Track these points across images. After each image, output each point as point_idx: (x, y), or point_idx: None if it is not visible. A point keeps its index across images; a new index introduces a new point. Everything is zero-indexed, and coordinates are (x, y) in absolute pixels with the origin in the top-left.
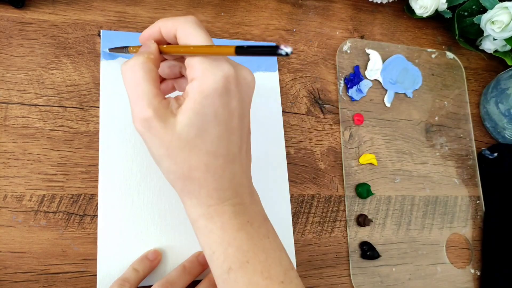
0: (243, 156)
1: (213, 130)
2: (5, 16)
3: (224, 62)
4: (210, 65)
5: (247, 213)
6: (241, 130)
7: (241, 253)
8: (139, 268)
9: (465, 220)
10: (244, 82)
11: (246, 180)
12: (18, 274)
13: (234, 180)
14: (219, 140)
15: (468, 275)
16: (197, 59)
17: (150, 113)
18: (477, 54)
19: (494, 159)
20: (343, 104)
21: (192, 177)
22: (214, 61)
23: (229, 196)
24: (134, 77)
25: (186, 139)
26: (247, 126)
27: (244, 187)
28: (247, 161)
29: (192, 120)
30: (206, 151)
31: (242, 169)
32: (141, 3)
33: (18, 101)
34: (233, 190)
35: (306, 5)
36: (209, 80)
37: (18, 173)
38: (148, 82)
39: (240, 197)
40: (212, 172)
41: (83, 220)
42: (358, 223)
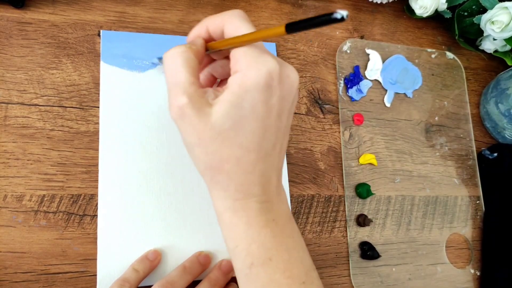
0: (275, 154)
1: (248, 124)
2: (5, 16)
3: (269, 57)
4: (254, 59)
5: (273, 211)
6: (277, 128)
7: (264, 250)
8: (139, 268)
9: (465, 220)
10: (287, 80)
11: (276, 178)
12: (18, 274)
13: (263, 177)
14: (253, 135)
15: (468, 275)
16: (241, 52)
17: (185, 100)
18: (477, 54)
19: (494, 159)
20: (343, 104)
21: (222, 169)
22: (259, 56)
23: (257, 193)
24: (172, 65)
25: (220, 130)
26: (284, 125)
27: (273, 185)
28: (279, 160)
29: (228, 111)
30: (239, 145)
31: (273, 167)
32: (141, 3)
33: (18, 101)
34: (262, 187)
35: (306, 5)
36: (251, 74)
37: (18, 173)
38: (185, 69)
39: (267, 194)
40: (242, 167)
41: (83, 220)
42: (358, 223)
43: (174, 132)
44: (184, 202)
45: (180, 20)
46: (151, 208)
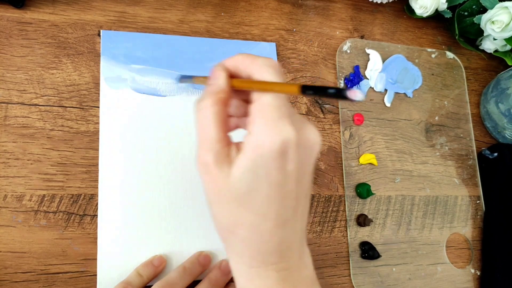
0: (297, 219)
1: (264, 191)
2: (5, 16)
3: (286, 123)
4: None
5: (293, 278)
6: (297, 193)
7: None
8: (143, 273)
9: (465, 220)
10: (307, 144)
11: (298, 243)
12: (18, 274)
13: (282, 244)
14: (269, 202)
15: (468, 275)
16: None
17: (210, 158)
18: (477, 54)
19: (494, 159)
20: (343, 104)
21: (236, 233)
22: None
23: (274, 261)
24: (202, 119)
25: (236, 193)
26: (305, 188)
27: (293, 251)
28: (301, 223)
29: (244, 175)
30: (254, 211)
31: (293, 232)
32: (141, 3)
33: (18, 101)
34: (280, 255)
35: (306, 5)
36: (265, 141)
37: (18, 173)
38: (214, 125)
39: (287, 261)
40: (258, 234)
41: (83, 220)
42: (358, 223)
43: (174, 132)
44: (184, 201)
45: (180, 20)
46: (151, 208)
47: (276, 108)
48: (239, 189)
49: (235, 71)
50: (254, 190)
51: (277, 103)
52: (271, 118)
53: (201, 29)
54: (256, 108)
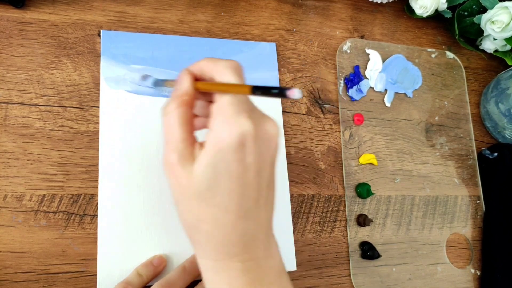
0: (260, 210)
1: (224, 184)
2: (5, 16)
3: (244, 117)
4: (228, 119)
5: (259, 269)
6: (258, 184)
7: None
8: (143, 273)
9: (465, 220)
10: (265, 136)
11: (262, 233)
12: (18, 274)
13: (246, 235)
14: (230, 195)
15: (468, 275)
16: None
17: (174, 158)
18: (477, 54)
19: (494, 159)
20: (343, 104)
21: (200, 228)
22: (234, 115)
23: (238, 252)
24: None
25: (198, 189)
26: (266, 179)
27: (258, 241)
28: (266, 213)
29: (204, 172)
30: (215, 205)
31: (257, 223)
32: (141, 3)
33: (18, 101)
34: (244, 246)
35: (306, 5)
36: (223, 135)
37: (18, 173)
38: (178, 126)
39: (252, 252)
40: (220, 227)
41: (83, 220)
42: (358, 223)
43: None
44: None
45: (180, 20)
46: (151, 207)
47: (233, 105)
48: (200, 185)
49: (200, 75)
50: (215, 184)
51: (235, 100)
52: (229, 114)
53: (201, 29)
54: (216, 107)
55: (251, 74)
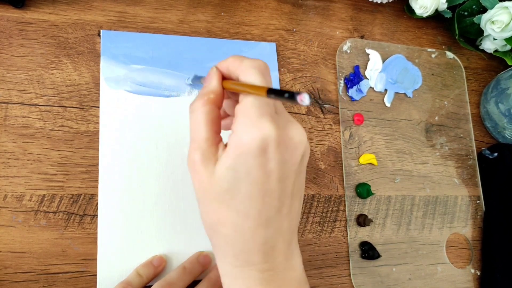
0: (282, 219)
1: (244, 189)
2: (5, 16)
3: (266, 121)
4: (251, 121)
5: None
6: (281, 192)
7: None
8: (143, 273)
9: (465, 220)
10: (290, 142)
11: (284, 243)
12: (18, 274)
13: (266, 244)
14: (250, 200)
15: (468, 275)
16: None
17: (197, 157)
18: (477, 54)
19: (494, 159)
20: (343, 104)
21: (219, 232)
22: (257, 119)
23: (257, 261)
24: (193, 120)
25: (218, 191)
26: (290, 187)
27: (279, 252)
28: (289, 223)
29: (224, 174)
30: (235, 209)
31: (278, 232)
32: (141, 3)
33: (18, 101)
34: (264, 255)
35: (306, 5)
36: (244, 138)
37: (18, 173)
38: (203, 125)
39: (271, 262)
40: (240, 233)
41: (83, 220)
42: (358, 223)
43: (174, 131)
44: (184, 201)
45: (180, 20)
46: (151, 207)
47: (257, 107)
48: (221, 187)
49: (228, 73)
50: (235, 188)
51: (258, 102)
52: (252, 116)
53: (201, 29)
54: (239, 108)
55: None
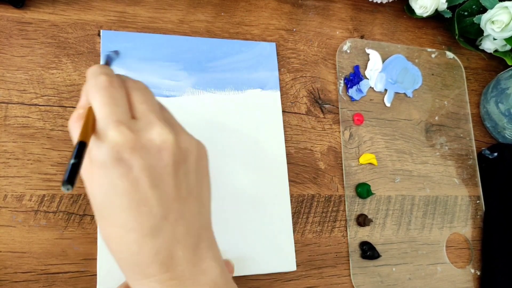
0: (173, 225)
1: (116, 202)
2: (5, 16)
3: (111, 128)
4: (98, 133)
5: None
6: (159, 198)
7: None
8: None
9: (465, 220)
10: (150, 145)
11: (184, 250)
12: (18, 274)
13: (159, 254)
14: (125, 212)
15: (468, 275)
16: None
17: (83, 174)
18: (477, 54)
19: (494, 159)
20: (343, 104)
21: (110, 248)
22: (101, 128)
23: (154, 272)
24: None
25: (95, 207)
26: (172, 191)
27: (179, 259)
28: (185, 228)
29: (94, 190)
30: (115, 224)
31: (172, 240)
32: (141, 3)
33: (18, 101)
34: (160, 265)
35: (306, 5)
36: (94, 153)
37: (18, 173)
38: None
39: (172, 271)
40: (126, 247)
41: (83, 220)
42: (358, 223)
43: None
44: None
45: (180, 20)
46: None
47: (101, 117)
48: (94, 203)
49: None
50: (108, 202)
51: (103, 112)
52: (98, 127)
53: (201, 29)
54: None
55: (251, 74)
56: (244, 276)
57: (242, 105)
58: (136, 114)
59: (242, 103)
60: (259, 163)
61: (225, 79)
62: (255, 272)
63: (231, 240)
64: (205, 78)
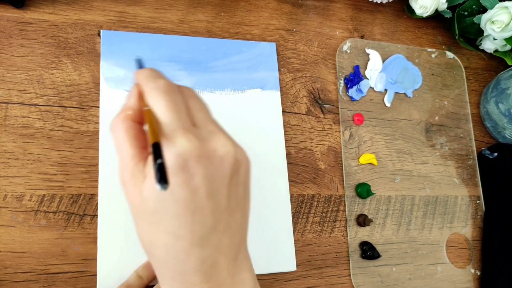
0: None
1: (171, 209)
2: (5, 16)
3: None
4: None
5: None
6: (213, 208)
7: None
8: (143, 275)
9: (465, 220)
10: (214, 154)
11: (226, 260)
12: (18, 274)
13: (204, 264)
14: (178, 220)
15: (468, 275)
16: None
17: (127, 176)
18: (477, 54)
19: (494, 159)
20: (343, 104)
21: (153, 253)
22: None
23: (197, 281)
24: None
25: (147, 211)
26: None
27: (221, 269)
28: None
29: (149, 195)
30: (165, 230)
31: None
32: (141, 3)
33: (18, 101)
34: (203, 275)
35: (306, 5)
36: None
37: (18, 173)
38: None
39: (213, 281)
40: (173, 255)
41: (83, 220)
42: (358, 223)
43: None
44: None
45: (180, 20)
46: None
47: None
48: (148, 207)
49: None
50: (162, 208)
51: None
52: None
53: (201, 29)
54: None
55: (251, 74)
56: None
57: (242, 105)
58: (195, 122)
59: (242, 103)
60: (259, 163)
61: (225, 79)
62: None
63: None
64: (205, 78)
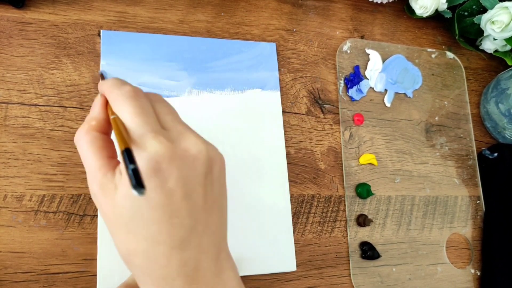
0: (200, 236)
1: (148, 214)
2: (5, 16)
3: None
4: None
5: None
6: (190, 210)
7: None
8: None
9: (465, 220)
10: (186, 155)
11: (208, 261)
12: (18, 274)
13: (186, 266)
14: (156, 225)
15: (468, 275)
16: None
17: (96, 188)
18: (477, 54)
19: (494, 159)
20: (343, 104)
21: (133, 263)
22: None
23: (181, 285)
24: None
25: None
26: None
27: (204, 270)
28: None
29: (123, 203)
30: (143, 237)
31: (199, 251)
32: (141, 3)
33: (18, 101)
34: (186, 277)
35: (306, 5)
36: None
37: (18, 173)
38: (92, 154)
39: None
40: (153, 261)
41: (83, 220)
42: (358, 223)
43: None
44: None
45: (180, 20)
46: None
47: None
48: (123, 216)
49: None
50: (138, 215)
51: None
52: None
53: (201, 29)
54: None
55: (251, 74)
56: (244, 276)
57: (242, 105)
58: (164, 125)
59: (242, 103)
60: (259, 163)
61: (225, 79)
62: (255, 272)
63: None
64: (205, 78)
